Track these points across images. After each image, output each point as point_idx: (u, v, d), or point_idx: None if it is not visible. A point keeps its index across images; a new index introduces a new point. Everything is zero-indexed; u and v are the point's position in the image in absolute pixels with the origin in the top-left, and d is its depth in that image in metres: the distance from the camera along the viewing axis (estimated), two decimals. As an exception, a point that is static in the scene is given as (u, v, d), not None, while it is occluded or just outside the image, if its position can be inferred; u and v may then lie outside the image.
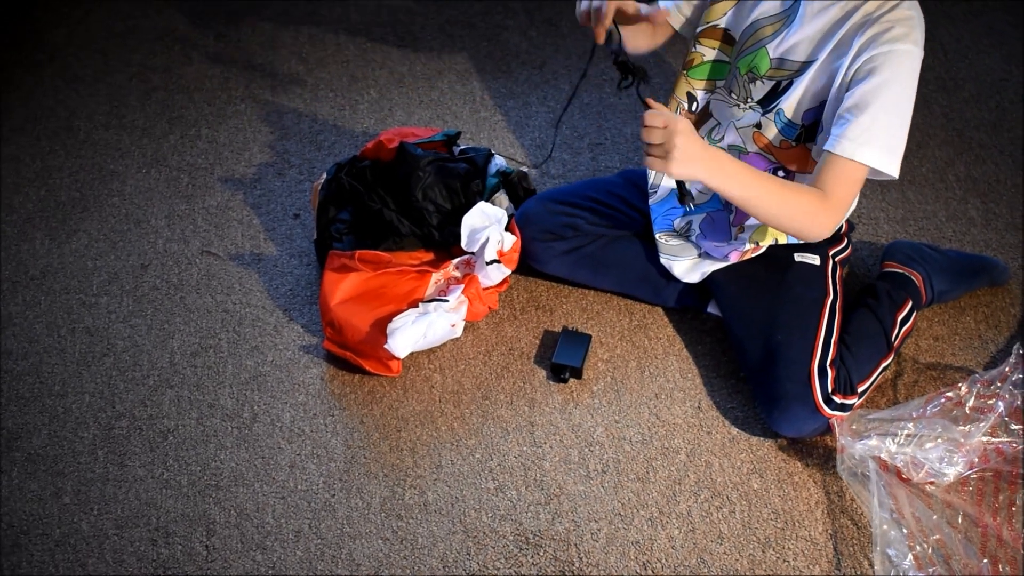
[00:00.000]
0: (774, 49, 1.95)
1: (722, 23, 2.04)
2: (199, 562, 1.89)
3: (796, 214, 1.86)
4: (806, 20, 1.90)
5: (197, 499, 1.98)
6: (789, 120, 1.96)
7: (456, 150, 2.44)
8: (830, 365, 1.99)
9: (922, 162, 2.61)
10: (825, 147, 1.84)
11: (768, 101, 1.98)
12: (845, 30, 1.86)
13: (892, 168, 1.83)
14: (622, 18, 1.89)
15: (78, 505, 1.98)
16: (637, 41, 2.09)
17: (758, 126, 2.01)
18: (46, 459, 2.05)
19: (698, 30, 2.07)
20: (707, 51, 2.07)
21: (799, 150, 1.98)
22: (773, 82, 1.97)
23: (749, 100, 2.01)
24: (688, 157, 1.74)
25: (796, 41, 1.92)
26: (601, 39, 1.88)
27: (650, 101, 1.79)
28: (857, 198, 2.05)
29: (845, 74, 1.85)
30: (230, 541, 1.92)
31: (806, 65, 1.91)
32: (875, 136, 1.80)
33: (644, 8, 1.89)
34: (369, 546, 1.91)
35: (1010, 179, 2.55)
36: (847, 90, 1.84)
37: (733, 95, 2.04)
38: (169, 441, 2.08)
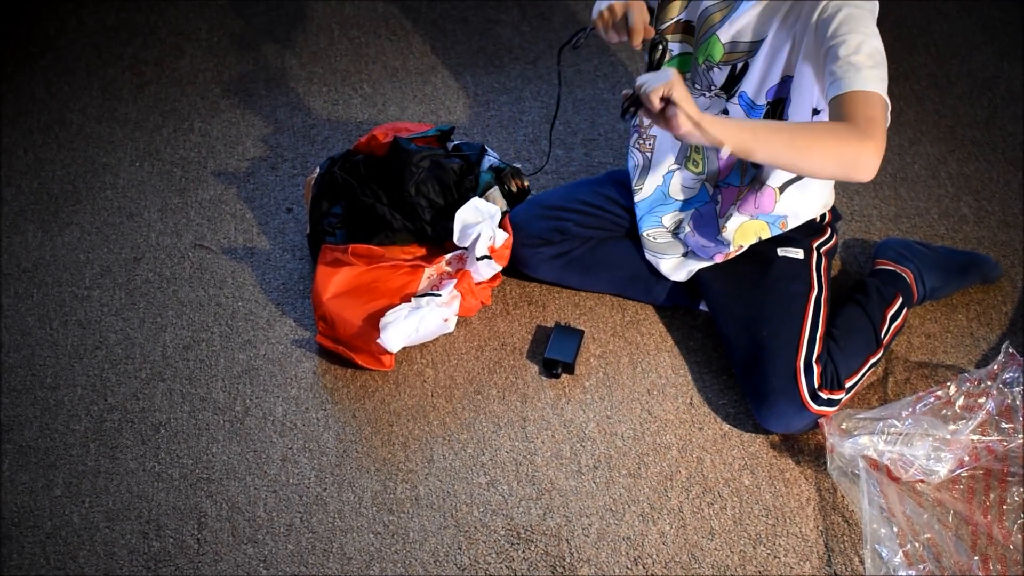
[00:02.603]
0: (724, 34, 1.95)
1: (684, 16, 2.04)
2: (190, 555, 1.89)
3: (826, 144, 1.69)
4: (749, 1, 1.90)
5: (188, 492, 1.98)
6: (752, 101, 1.96)
7: (450, 145, 2.43)
8: (816, 361, 1.99)
9: (914, 159, 2.61)
10: (828, 96, 1.75)
11: (730, 86, 1.98)
12: (790, 4, 1.86)
13: (884, 93, 1.73)
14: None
15: (69, 497, 1.98)
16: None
17: (725, 112, 2.01)
18: (37, 451, 2.05)
19: (661, 27, 2.07)
20: (675, 45, 2.08)
21: None
22: (729, 66, 1.97)
23: (713, 88, 2.01)
24: (701, 118, 1.66)
25: (744, 23, 1.92)
26: (638, 45, 1.96)
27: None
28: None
29: (804, 41, 1.83)
30: (221, 534, 1.92)
31: (757, 44, 1.92)
32: (860, 65, 1.72)
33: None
34: (360, 540, 1.91)
35: (1002, 176, 2.56)
36: (822, 54, 1.79)
37: (697, 86, 2.04)
38: (161, 434, 2.08)
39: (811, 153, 1.69)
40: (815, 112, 1.90)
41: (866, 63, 1.72)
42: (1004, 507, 1.89)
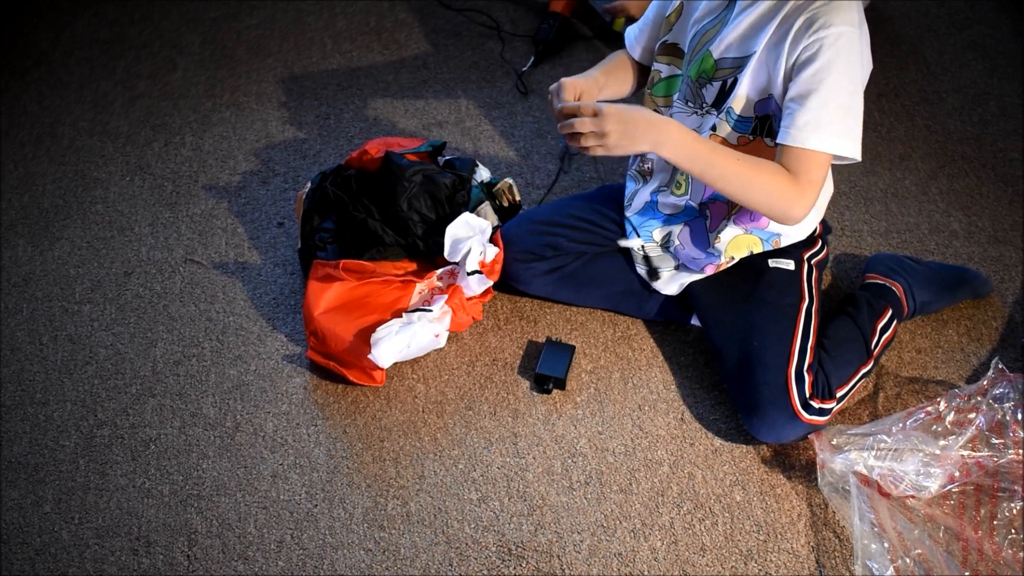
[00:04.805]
0: (716, 50, 1.97)
1: (669, 38, 2.08)
2: (180, 572, 1.89)
3: (763, 189, 1.85)
4: (739, 16, 1.92)
5: (179, 508, 1.98)
6: (740, 116, 1.97)
7: (441, 160, 2.44)
8: (807, 370, 1.99)
9: (905, 175, 2.62)
10: (778, 140, 1.85)
11: (720, 102, 1.99)
12: (778, 22, 1.87)
13: (851, 151, 1.83)
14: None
15: (59, 514, 1.97)
16: (615, 90, 2.17)
17: (713, 128, 2.01)
18: (27, 467, 2.05)
19: (655, 47, 2.11)
20: (663, 67, 2.11)
21: (757, 144, 1.98)
22: (720, 82, 1.98)
23: (704, 105, 2.02)
24: (625, 134, 1.80)
25: (732, 38, 1.94)
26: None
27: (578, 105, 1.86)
28: (829, 187, 2.11)
29: (786, 65, 1.86)
30: (211, 551, 1.92)
31: (744, 60, 1.92)
32: (825, 121, 1.80)
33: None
34: (351, 556, 1.91)
35: (993, 192, 2.57)
36: (790, 80, 1.85)
37: (689, 104, 2.05)
38: (151, 450, 2.07)
39: (750, 191, 1.86)
40: None
41: (831, 122, 1.81)
42: (995, 522, 1.90)
